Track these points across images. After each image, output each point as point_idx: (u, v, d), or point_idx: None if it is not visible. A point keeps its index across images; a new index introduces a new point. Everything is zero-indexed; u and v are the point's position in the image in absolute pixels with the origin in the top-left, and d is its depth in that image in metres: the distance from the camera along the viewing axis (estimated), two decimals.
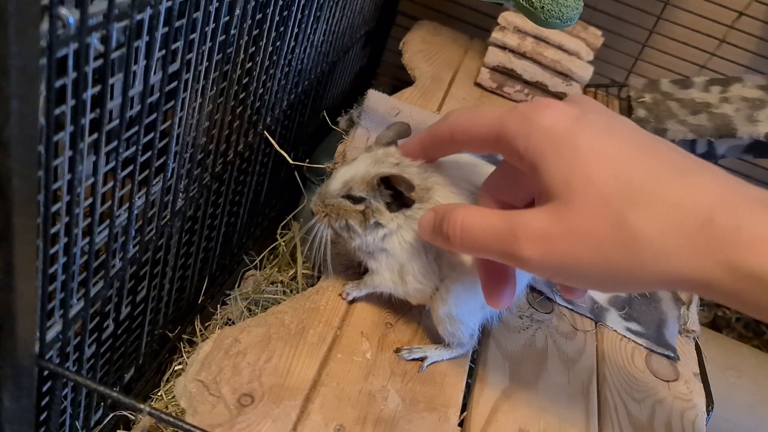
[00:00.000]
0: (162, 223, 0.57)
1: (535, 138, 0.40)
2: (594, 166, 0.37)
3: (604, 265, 0.36)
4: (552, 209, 0.38)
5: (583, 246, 0.37)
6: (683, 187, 0.36)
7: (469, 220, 0.42)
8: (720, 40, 1.27)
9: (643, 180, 0.36)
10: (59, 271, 0.44)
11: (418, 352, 0.59)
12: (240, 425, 0.47)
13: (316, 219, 0.59)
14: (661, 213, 0.35)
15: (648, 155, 0.38)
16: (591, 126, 0.39)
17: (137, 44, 0.43)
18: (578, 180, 0.37)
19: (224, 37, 0.56)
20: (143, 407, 0.45)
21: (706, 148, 1.10)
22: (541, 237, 0.38)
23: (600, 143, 0.38)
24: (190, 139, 0.57)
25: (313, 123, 0.98)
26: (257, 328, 0.56)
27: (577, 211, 0.37)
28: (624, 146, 0.38)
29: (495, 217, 0.41)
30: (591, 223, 0.36)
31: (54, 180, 0.39)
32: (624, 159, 0.37)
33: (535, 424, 0.57)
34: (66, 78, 0.37)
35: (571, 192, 0.37)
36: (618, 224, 0.35)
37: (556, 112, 0.40)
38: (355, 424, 0.51)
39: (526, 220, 0.39)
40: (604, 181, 0.36)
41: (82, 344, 0.51)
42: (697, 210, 0.34)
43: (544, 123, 0.40)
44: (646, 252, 0.35)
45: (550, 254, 0.38)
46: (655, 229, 0.35)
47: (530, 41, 1.11)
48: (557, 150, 0.38)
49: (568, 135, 0.39)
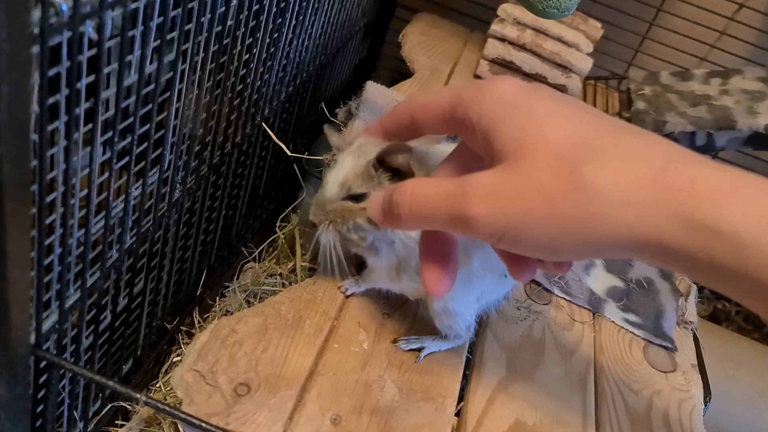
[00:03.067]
0: (159, 214, 0.57)
1: (488, 104, 0.40)
2: (548, 124, 0.37)
3: (555, 220, 0.35)
4: (504, 167, 0.38)
5: (535, 200, 0.36)
6: (637, 141, 0.36)
7: (419, 187, 0.42)
8: (720, 33, 1.27)
9: (596, 135, 0.36)
10: (55, 261, 0.44)
11: (415, 342, 0.59)
12: (236, 414, 0.48)
13: (321, 230, 0.56)
14: (615, 163, 0.34)
15: (602, 118, 0.38)
16: (544, 94, 0.40)
17: (132, 33, 0.43)
18: (532, 138, 0.37)
19: (221, 28, 0.56)
20: (139, 397, 0.45)
21: (705, 140, 1.10)
22: (490, 193, 0.37)
23: (554, 106, 0.38)
24: (187, 130, 0.57)
25: (311, 115, 0.98)
26: (254, 319, 0.56)
27: (530, 166, 0.36)
28: (577, 110, 0.38)
29: (445, 182, 0.41)
30: (542, 176, 0.36)
31: (49, 170, 0.40)
32: (578, 119, 0.38)
33: (531, 414, 0.57)
34: (60, 66, 0.37)
35: (525, 149, 0.37)
36: (570, 176, 0.35)
37: (510, 83, 0.40)
38: (352, 413, 0.51)
39: (476, 179, 0.38)
40: (558, 138, 0.36)
41: (80, 335, 0.51)
42: (651, 160, 0.34)
43: (499, 90, 0.40)
44: (596, 203, 0.34)
45: (500, 209, 0.37)
46: (607, 179, 0.34)
47: (529, 33, 1.10)
48: (511, 113, 0.39)
49: (522, 100, 0.39)
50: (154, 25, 0.45)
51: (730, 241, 0.31)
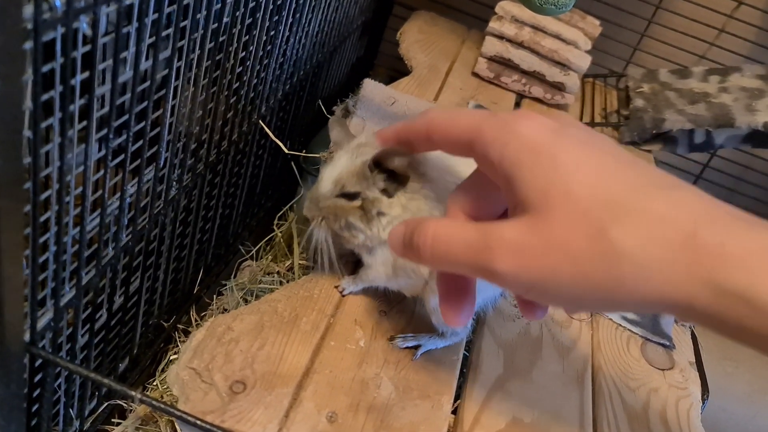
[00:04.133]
0: (155, 212, 0.57)
1: (512, 147, 0.38)
2: (574, 177, 0.36)
3: (581, 280, 0.35)
4: (528, 220, 0.36)
5: (561, 259, 0.35)
6: (666, 201, 0.34)
7: (441, 231, 0.40)
8: (719, 30, 1.27)
9: (624, 193, 0.35)
10: (50, 259, 0.44)
11: (411, 340, 0.59)
12: (232, 412, 0.47)
13: (313, 225, 0.58)
14: (643, 226, 0.34)
15: (629, 169, 0.36)
16: (570, 138, 0.38)
17: (127, 29, 0.43)
18: (557, 191, 0.36)
19: (217, 25, 0.55)
20: (134, 394, 0.45)
21: (704, 137, 1.10)
22: (516, 249, 0.36)
23: (580, 155, 0.37)
24: (183, 128, 0.57)
25: (309, 113, 0.97)
26: (250, 316, 0.56)
27: (556, 222, 0.35)
28: (604, 159, 0.37)
29: (468, 229, 0.39)
30: (569, 235, 0.35)
31: (44, 167, 0.39)
32: (605, 171, 0.36)
33: (528, 412, 0.57)
34: (54, 62, 0.36)
35: (550, 203, 0.36)
36: (598, 237, 0.34)
37: (536, 122, 0.38)
38: (348, 411, 0.51)
39: (500, 231, 0.37)
40: (585, 194, 0.35)
41: (75, 334, 0.51)
42: (680, 224, 0.33)
43: (522, 131, 0.38)
44: (625, 266, 0.34)
45: (526, 267, 0.36)
46: (636, 242, 0.33)
47: (528, 31, 1.10)
48: (535, 160, 0.37)
49: (548, 145, 0.37)
50: (150, 21, 0.45)
51: (761, 310, 0.31)
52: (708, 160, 1.37)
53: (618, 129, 1.14)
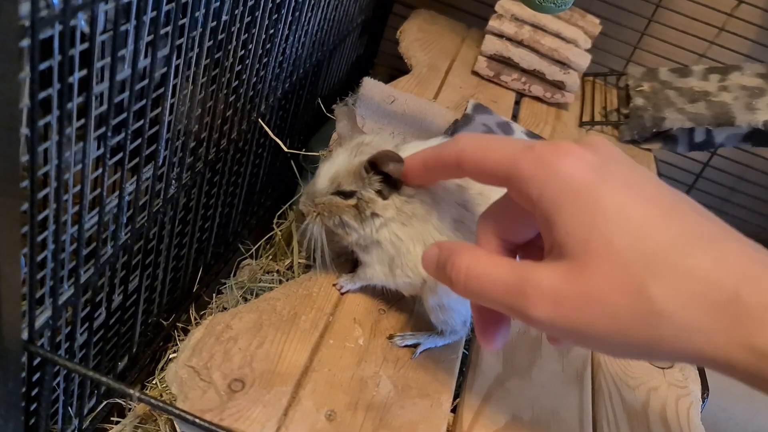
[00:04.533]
0: (154, 210, 0.57)
1: (552, 187, 0.37)
2: (615, 227, 0.35)
3: (620, 335, 0.34)
4: (567, 268, 0.36)
5: (599, 312, 0.34)
6: (708, 257, 0.33)
7: (475, 268, 0.40)
8: (719, 29, 1.26)
9: (666, 247, 0.34)
10: (48, 257, 0.44)
11: (411, 338, 0.59)
12: (230, 410, 0.47)
13: (308, 220, 0.58)
14: (684, 285, 0.33)
15: (672, 218, 0.35)
16: (613, 180, 0.36)
17: (125, 27, 0.43)
18: (598, 241, 0.35)
19: (216, 23, 0.55)
20: (133, 393, 0.45)
21: (704, 136, 1.09)
22: (553, 298, 0.36)
23: (623, 201, 0.36)
24: (182, 126, 0.57)
25: (308, 112, 0.97)
26: (249, 314, 0.56)
27: (595, 274, 0.35)
28: (648, 206, 0.36)
29: (503, 268, 0.38)
30: (609, 289, 0.34)
31: (42, 165, 0.39)
32: (647, 222, 0.35)
33: (528, 411, 0.57)
34: (51, 60, 0.36)
35: (589, 253, 0.35)
36: (638, 294, 0.33)
37: (577, 159, 0.37)
38: (347, 409, 0.51)
39: (537, 277, 0.36)
40: (626, 245, 0.34)
41: (74, 332, 0.51)
42: (723, 285, 0.32)
43: (563, 171, 0.37)
44: (666, 326, 0.33)
45: (563, 317, 0.35)
46: (677, 302, 0.33)
47: (527, 29, 1.10)
48: (576, 204, 0.36)
49: (589, 188, 0.36)
50: (148, 19, 0.45)
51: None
52: (708, 159, 1.37)
53: (618, 128, 1.13)
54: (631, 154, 1.07)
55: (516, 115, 1.08)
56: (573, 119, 1.13)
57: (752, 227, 1.42)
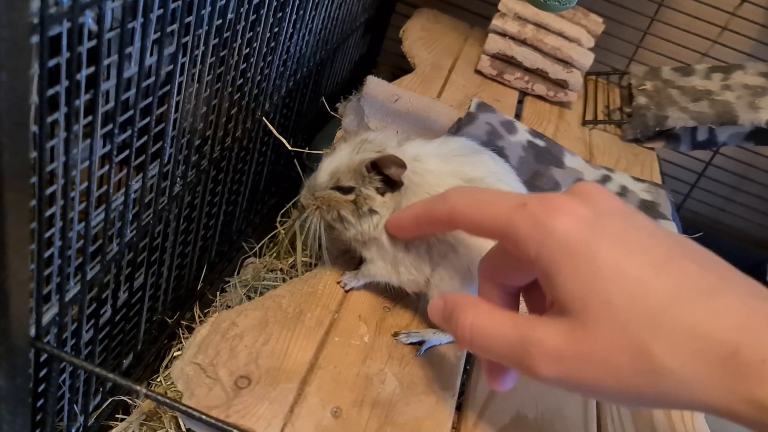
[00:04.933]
0: (159, 208, 0.57)
1: (548, 247, 0.38)
2: (612, 285, 0.36)
3: (624, 391, 0.36)
4: (567, 327, 0.37)
5: (602, 371, 0.36)
6: (706, 312, 0.34)
7: (479, 325, 0.41)
8: (722, 28, 1.26)
9: (663, 304, 0.35)
10: (55, 254, 0.44)
11: (416, 336, 0.59)
12: (237, 407, 0.47)
13: (307, 212, 0.59)
14: (683, 342, 0.34)
15: (668, 272, 0.36)
16: (608, 235, 0.37)
17: (132, 25, 0.43)
18: (596, 300, 0.36)
19: (221, 21, 0.56)
20: (139, 389, 0.45)
21: (707, 135, 1.10)
22: (556, 357, 0.37)
23: (618, 258, 0.36)
24: (187, 124, 0.57)
25: (312, 110, 0.98)
26: (254, 312, 0.56)
27: (595, 334, 0.36)
28: (642, 261, 0.36)
29: (506, 326, 0.39)
30: (610, 349, 0.35)
31: (49, 162, 0.39)
32: (643, 278, 0.36)
33: (532, 408, 0.57)
34: (60, 57, 0.37)
35: (588, 312, 0.36)
36: (638, 353, 0.34)
37: (571, 217, 0.38)
38: (352, 406, 0.51)
39: (540, 336, 0.37)
40: (623, 304, 0.35)
41: (80, 329, 0.51)
42: (721, 340, 0.33)
43: (558, 230, 0.37)
44: (668, 382, 0.34)
45: (567, 375, 0.37)
46: (677, 360, 0.34)
47: (530, 28, 1.10)
48: (573, 263, 0.37)
49: (584, 246, 0.37)
50: (155, 17, 0.45)
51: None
52: (711, 158, 1.37)
53: (621, 126, 1.13)
54: (634, 153, 1.08)
55: (519, 113, 1.08)
56: (576, 118, 1.13)
57: (754, 226, 1.42)
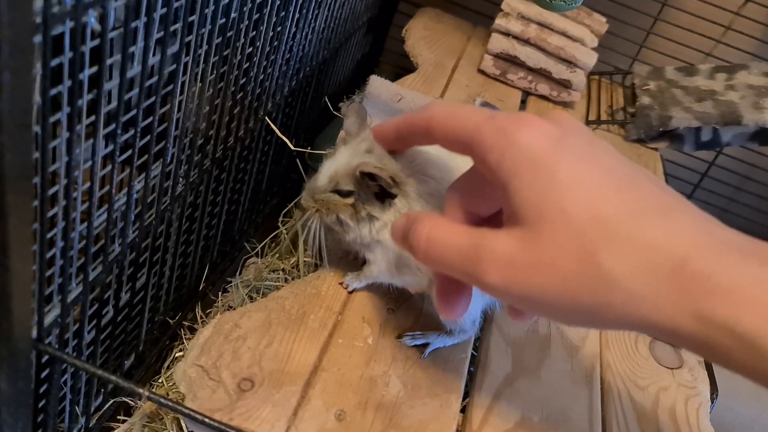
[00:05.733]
0: (162, 208, 0.57)
1: (510, 155, 0.37)
2: (569, 196, 0.35)
3: (570, 300, 0.35)
4: (520, 235, 0.36)
5: (550, 278, 0.35)
6: (659, 227, 0.34)
7: (435, 234, 0.40)
8: (726, 27, 1.26)
9: (618, 217, 0.35)
10: (57, 254, 0.43)
11: (420, 338, 0.58)
12: (240, 410, 0.47)
13: (307, 215, 0.59)
14: (634, 253, 0.33)
15: (627, 190, 0.36)
16: (571, 152, 0.37)
17: (135, 24, 0.42)
18: (551, 209, 0.35)
19: (224, 21, 0.55)
20: (142, 392, 0.44)
21: (711, 135, 1.09)
22: (506, 263, 0.36)
23: (578, 172, 0.36)
24: (190, 124, 0.57)
25: (315, 110, 0.97)
26: (258, 313, 0.55)
27: (547, 241, 0.35)
28: (603, 178, 0.36)
29: (461, 235, 0.39)
30: (560, 255, 0.35)
31: (51, 162, 0.39)
32: (601, 192, 0.36)
33: (537, 410, 0.57)
34: (62, 57, 0.36)
35: (543, 220, 0.36)
36: (588, 261, 0.34)
37: (536, 130, 0.38)
38: (356, 409, 0.51)
39: (492, 243, 0.37)
40: (578, 214, 0.35)
41: (82, 330, 0.50)
42: (671, 253, 0.33)
43: (522, 141, 0.37)
44: (614, 292, 0.34)
45: (515, 282, 0.36)
46: (625, 269, 0.33)
47: (534, 28, 1.10)
48: (532, 172, 0.37)
49: (546, 158, 0.37)
50: (158, 16, 0.44)
51: (747, 344, 0.31)
52: (714, 158, 1.36)
53: (624, 126, 1.13)
54: (637, 153, 1.08)
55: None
56: (579, 118, 1.13)
57: (757, 226, 1.42)
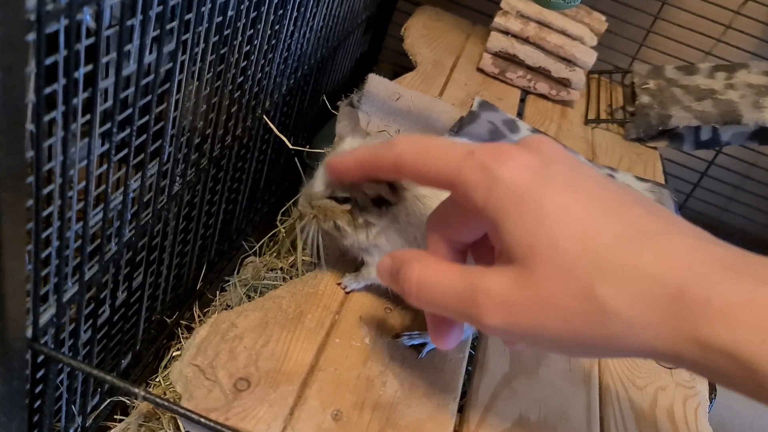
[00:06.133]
0: (159, 207, 0.57)
1: (496, 193, 0.37)
2: (559, 229, 0.35)
3: (572, 335, 0.35)
4: (515, 274, 0.36)
5: (550, 316, 0.35)
6: (652, 253, 0.34)
7: (425, 278, 0.40)
8: (726, 26, 1.26)
9: (610, 246, 0.34)
10: (53, 254, 0.43)
11: (417, 338, 0.58)
12: (236, 410, 0.47)
13: (305, 221, 0.58)
14: (630, 284, 0.33)
15: (615, 216, 0.36)
16: (555, 182, 0.37)
17: (131, 22, 0.42)
18: (543, 245, 0.35)
19: (221, 18, 0.55)
20: (138, 391, 0.44)
21: (710, 134, 1.09)
22: (503, 304, 0.36)
23: (565, 202, 0.36)
24: (187, 122, 0.57)
25: (313, 108, 0.97)
26: (254, 313, 0.55)
27: (542, 278, 0.35)
28: (590, 206, 0.36)
29: (453, 276, 0.39)
30: (557, 292, 0.35)
31: (46, 161, 0.39)
32: (590, 222, 0.35)
33: (535, 410, 0.57)
34: (57, 55, 0.36)
35: (535, 257, 0.35)
36: (585, 296, 0.34)
37: (517, 163, 0.37)
38: (353, 409, 0.50)
39: (487, 284, 0.37)
40: (570, 248, 0.35)
41: (78, 330, 0.50)
42: (667, 280, 0.33)
43: (505, 176, 0.37)
44: (615, 325, 0.34)
45: (515, 323, 0.36)
46: (624, 301, 0.33)
47: (533, 26, 1.09)
48: (520, 209, 0.36)
49: (531, 192, 0.36)
50: (154, 14, 0.44)
51: (747, 369, 0.31)
52: (713, 157, 1.36)
53: (624, 125, 1.13)
54: (636, 152, 1.08)
55: (521, 112, 1.08)
56: (578, 117, 1.13)
57: (757, 226, 1.42)
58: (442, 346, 0.46)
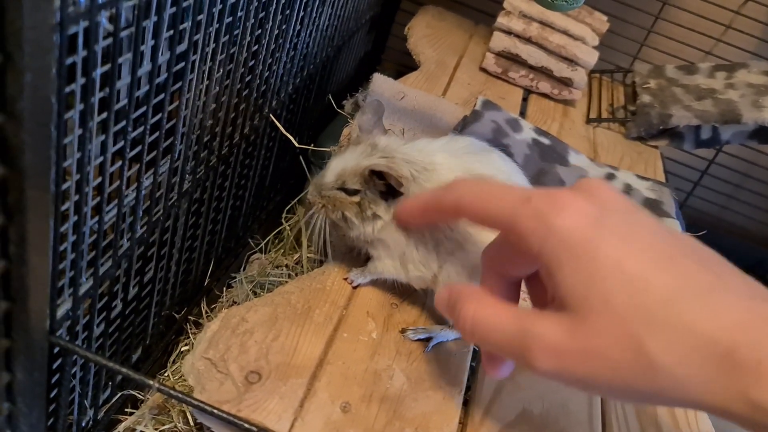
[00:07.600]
0: (169, 204, 0.58)
1: (551, 243, 0.38)
2: (612, 283, 0.36)
3: (621, 385, 0.36)
4: (567, 322, 0.37)
5: (600, 367, 0.36)
6: (704, 310, 0.34)
7: (480, 315, 0.41)
8: (726, 26, 1.27)
9: (661, 302, 0.35)
10: (69, 249, 0.44)
11: (423, 332, 0.59)
12: (247, 402, 0.48)
13: (313, 210, 0.60)
14: (680, 340, 0.34)
15: (668, 271, 0.36)
16: (610, 232, 0.37)
17: (145, 24, 0.43)
18: (596, 297, 0.36)
19: (231, 19, 0.56)
20: (152, 383, 0.45)
21: (710, 133, 1.10)
22: (555, 351, 0.37)
23: (619, 255, 0.36)
24: (197, 120, 0.58)
25: (318, 107, 0.98)
26: (264, 308, 0.56)
27: (594, 330, 0.36)
28: (644, 259, 0.37)
29: (508, 317, 0.40)
30: (608, 345, 0.36)
31: (64, 158, 0.40)
32: (643, 276, 0.36)
33: (538, 404, 0.58)
34: (76, 56, 0.37)
35: (588, 308, 0.36)
36: (636, 350, 0.35)
37: (574, 212, 0.38)
38: (361, 401, 0.52)
39: (540, 330, 0.38)
40: (622, 302, 0.36)
41: (91, 323, 0.51)
42: (717, 339, 0.34)
43: (561, 225, 0.38)
44: (664, 380, 0.35)
45: (565, 369, 0.37)
46: (674, 358, 0.34)
47: (535, 26, 1.10)
48: (575, 260, 0.37)
49: (586, 244, 0.37)
50: (167, 15, 0.45)
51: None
52: (714, 156, 1.37)
53: (625, 124, 1.14)
54: (637, 151, 1.09)
55: (523, 111, 1.09)
56: (580, 116, 1.14)
57: (757, 224, 1.43)
58: (494, 376, 0.47)
